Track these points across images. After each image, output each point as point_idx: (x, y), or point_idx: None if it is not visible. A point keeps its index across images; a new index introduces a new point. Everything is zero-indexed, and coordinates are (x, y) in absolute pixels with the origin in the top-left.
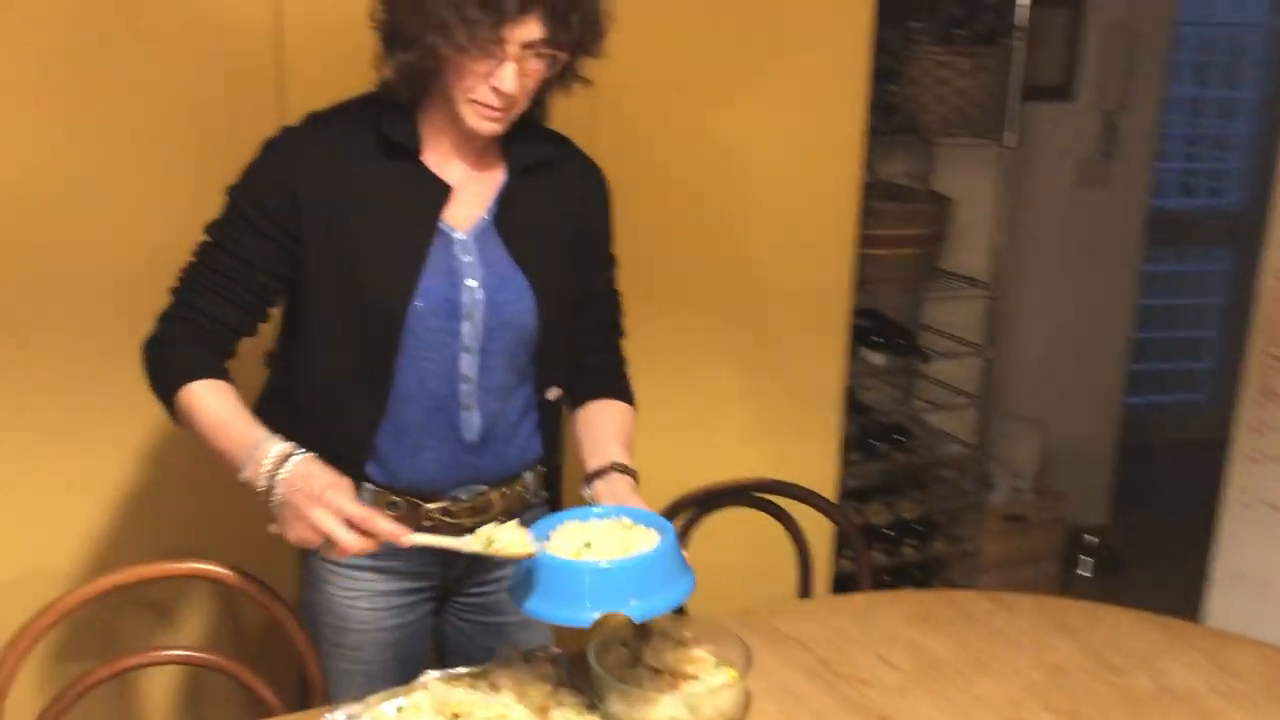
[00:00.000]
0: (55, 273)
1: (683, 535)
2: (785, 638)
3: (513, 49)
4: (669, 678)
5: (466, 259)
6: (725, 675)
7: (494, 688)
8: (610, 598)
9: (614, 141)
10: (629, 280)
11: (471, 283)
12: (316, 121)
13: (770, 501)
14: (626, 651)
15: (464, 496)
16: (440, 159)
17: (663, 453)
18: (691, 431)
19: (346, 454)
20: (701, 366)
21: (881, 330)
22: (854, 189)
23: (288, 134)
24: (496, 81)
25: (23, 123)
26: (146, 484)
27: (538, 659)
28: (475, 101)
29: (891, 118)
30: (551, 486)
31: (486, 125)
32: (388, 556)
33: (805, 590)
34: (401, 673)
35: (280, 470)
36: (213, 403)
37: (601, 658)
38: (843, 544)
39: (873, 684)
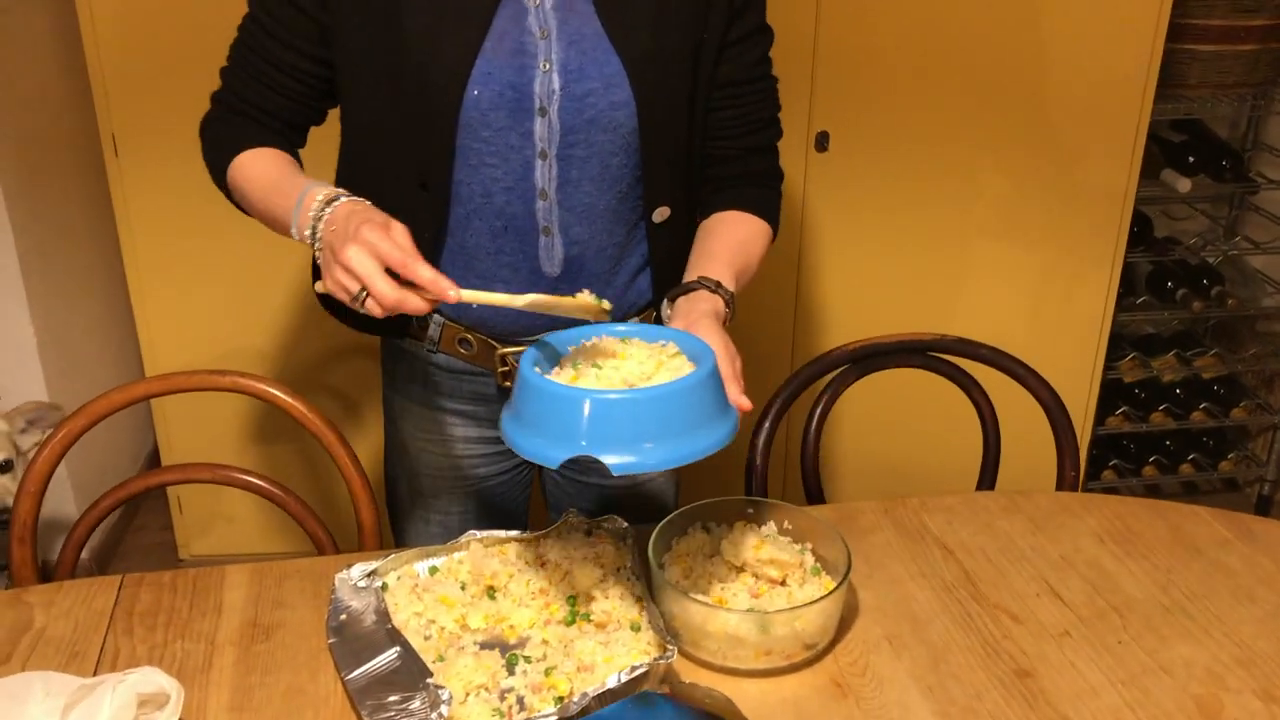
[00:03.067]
0: None
1: (832, 396)
2: (933, 540)
3: None
4: (749, 579)
5: (540, 35)
6: (819, 586)
7: (540, 561)
8: (612, 437)
9: None
10: (878, 59)
11: (546, 66)
12: None
13: (949, 363)
14: (706, 539)
15: None
16: None
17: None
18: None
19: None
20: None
21: (1199, 149)
22: None
23: None
24: None
25: None
26: None
27: (603, 531)
28: None
29: None
30: None
31: None
32: (464, 399)
33: (985, 479)
34: (488, 529)
35: (325, 211)
36: (261, 167)
37: (672, 544)
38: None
39: (1025, 620)
